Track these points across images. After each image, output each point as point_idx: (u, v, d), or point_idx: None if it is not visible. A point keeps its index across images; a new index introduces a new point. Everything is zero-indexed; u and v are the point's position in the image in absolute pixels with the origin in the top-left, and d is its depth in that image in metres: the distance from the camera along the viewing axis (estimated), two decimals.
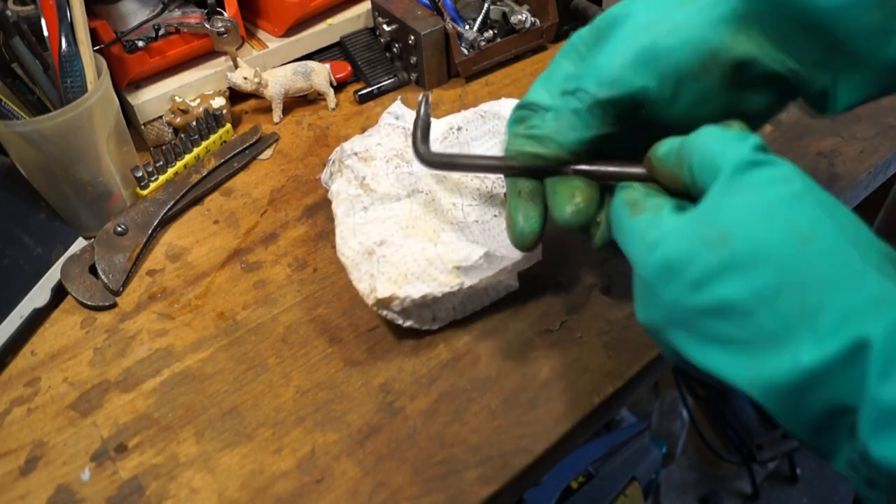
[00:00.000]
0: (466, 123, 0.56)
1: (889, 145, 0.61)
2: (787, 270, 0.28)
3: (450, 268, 0.45)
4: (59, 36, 0.54)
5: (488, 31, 0.73)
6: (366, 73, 0.73)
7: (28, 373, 0.49)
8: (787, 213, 0.29)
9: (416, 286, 0.45)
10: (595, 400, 0.45)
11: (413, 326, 0.47)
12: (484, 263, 0.46)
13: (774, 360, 0.28)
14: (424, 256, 0.46)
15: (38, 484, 0.43)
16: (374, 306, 0.46)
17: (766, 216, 0.30)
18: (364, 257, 0.47)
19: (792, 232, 0.29)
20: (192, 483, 0.42)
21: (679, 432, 1.36)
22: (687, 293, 0.31)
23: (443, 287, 0.45)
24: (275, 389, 0.47)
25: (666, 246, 0.32)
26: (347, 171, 0.53)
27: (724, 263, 0.30)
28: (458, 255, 0.46)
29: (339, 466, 0.42)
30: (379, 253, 0.47)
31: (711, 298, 0.30)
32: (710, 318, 0.30)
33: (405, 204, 0.50)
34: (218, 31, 0.66)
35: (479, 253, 0.45)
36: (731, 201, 0.31)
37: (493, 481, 0.41)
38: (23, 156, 0.54)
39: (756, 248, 0.29)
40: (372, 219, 0.50)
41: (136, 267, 0.56)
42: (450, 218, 0.49)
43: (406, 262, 0.46)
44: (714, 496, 1.35)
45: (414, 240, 0.47)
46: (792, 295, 0.28)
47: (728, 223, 0.30)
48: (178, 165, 0.63)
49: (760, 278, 0.29)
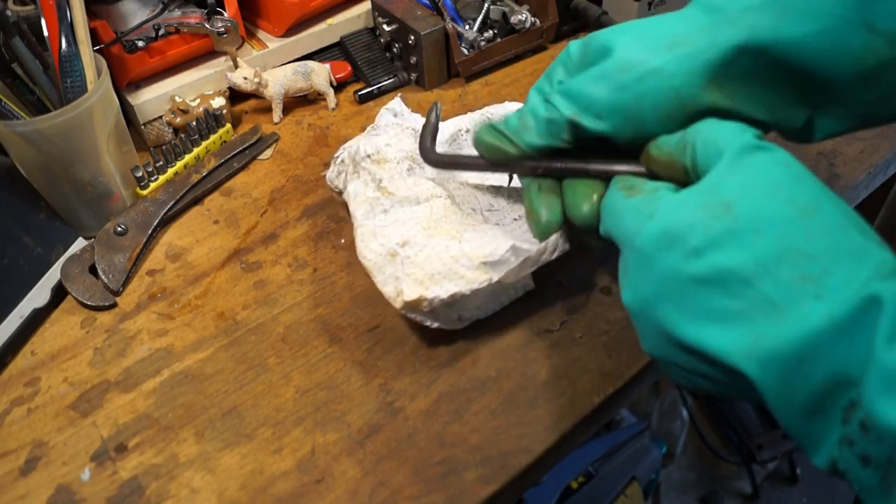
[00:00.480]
0: (474, 125, 0.56)
1: (889, 145, 0.61)
2: (790, 239, 0.29)
3: (476, 264, 0.44)
4: (59, 36, 0.54)
5: (488, 31, 0.73)
6: (366, 73, 0.73)
7: (28, 373, 0.49)
8: (789, 189, 0.30)
9: (444, 286, 0.44)
10: (595, 400, 0.45)
11: (441, 328, 0.47)
12: (511, 257, 0.44)
13: (775, 328, 0.28)
14: (449, 254, 0.45)
15: (38, 484, 0.43)
16: (403, 309, 0.45)
17: (769, 190, 0.30)
18: (387, 259, 0.46)
19: (795, 205, 0.30)
20: (192, 483, 0.42)
21: (679, 432, 1.36)
22: (685, 261, 0.31)
23: (471, 284, 0.44)
24: (275, 389, 0.47)
25: (666, 214, 0.32)
26: (364, 172, 0.52)
27: (727, 230, 0.30)
28: (483, 250, 0.44)
29: (339, 466, 0.42)
30: (403, 254, 0.46)
31: (711, 266, 0.30)
32: (707, 289, 0.30)
33: (425, 207, 0.49)
34: (218, 31, 0.66)
35: (506, 246, 0.44)
36: (735, 177, 0.31)
37: (493, 481, 0.41)
38: (23, 156, 0.54)
39: (759, 218, 0.30)
40: (392, 221, 0.49)
41: (136, 267, 0.56)
42: (471, 220, 0.49)
43: (431, 261, 0.45)
44: (714, 496, 1.35)
45: (437, 239, 0.46)
46: (795, 263, 0.28)
47: (732, 195, 0.31)
48: (178, 165, 0.63)
49: (763, 246, 0.29)
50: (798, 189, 0.30)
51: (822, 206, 0.30)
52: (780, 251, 0.29)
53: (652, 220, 0.33)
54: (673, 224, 0.32)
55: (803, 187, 0.30)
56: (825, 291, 0.27)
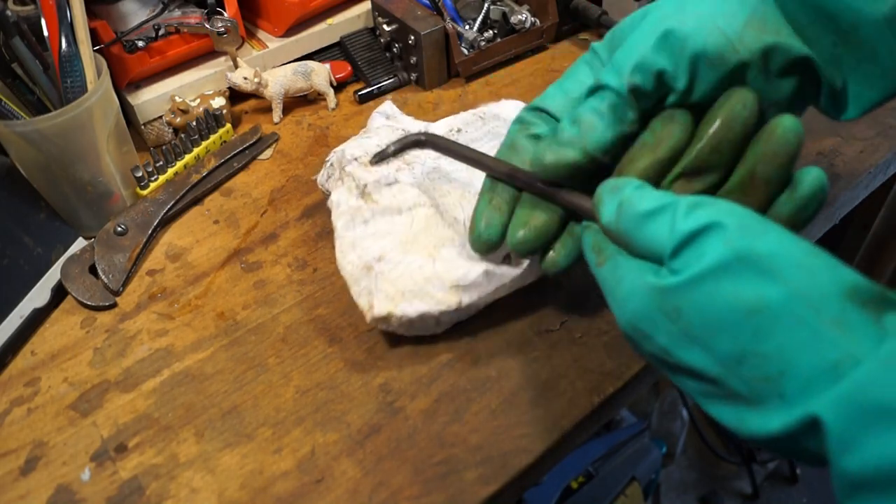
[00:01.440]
0: (466, 125, 0.56)
1: (889, 145, 0.61)
2: (742, 342, 0.28)
3: (448, 286, 0.45)
4: (59, 36, 0.54)
5: (488, 31, 0.73)
6: (366, 73, 0.73)
7: (28, 373, 0.49)
8: (729, 288, 0.28)
9: (414, 304, 0.45)
10: (595, 400, 0.45)
11: (417, 335, 0.47)
12: (483, 281, 0.45)
13: (752, 419, 0.29)
14: (422, 275, 0.45)
15: (38, 484, 0.43)
16: (372, 323, 0.46)
17: (709, 294, 0.29)
18: (363, 272, 0.47)
19: (738, 306, 0.28)
20: (192, 483, 0.42)
21: (679, 432, 1.36)
22: (661, 353, 0.31)
23: (440, 305, 0.45)
24: (275, 389, 0.47)
25: (631, 309, 0.32)
26: (348, 178, 0.52)
27: (684, 334, 0.30)
28: (456, 272, 0.45)
29: (339, 466, 0.42)
30: (377, 269, 0.46)
31: (682, 363, 0.30)
32: (687, 378, 0.31)
33: (406, 217, 0.49)
34: (218, 31, 0.66)
35: (478, 270, 0.45)
36: (675, 281, 0.30)
37: (493, 481, 0.41)
38: (23, 156, 0.54)
39: (707, 324, 0.29)
40: (372, 232, 0.49)
41: (136, 267, 0.56)
42: (451, 233, 0.48)
43: (404, 279, 0.45)
44: (714, 496, 1.35)
45: (413, 255, 0.47)
46: (754, 364, 0.28)
47: (677, 300, 0.30)
48: (178, 165, 0.63)
49: (721, 349, 0.29)
50: (738, 283, 0.28)
51: (767, 295, 0.28)
52: (738, 353, 0.28)
53: (623, 312, 0.33)
54: (639, 322, 0.32)
55: (742, 277, 0.28)
56: (787, 395, 0.27)
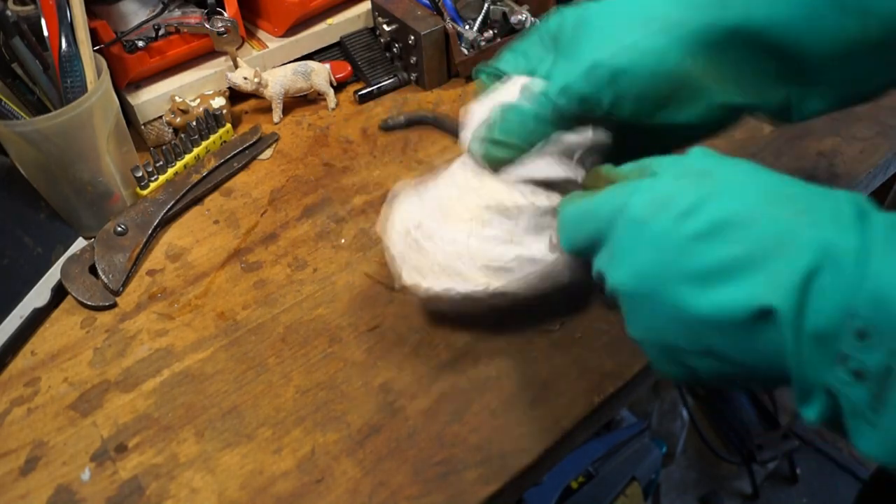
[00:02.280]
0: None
1: (889, 145, 0.61)
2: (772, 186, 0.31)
3: (478, 265, 0.43)
4: (59, 36, 0.54)
5: (488, 30, 0.73)
6: (366, 73, 0.73)
7: (28, 373, 0.49)
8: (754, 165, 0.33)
9: (441, 280, 0.43)
10: (595, 400, 0.45)
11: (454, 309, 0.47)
12: (514, 265, 0.43)
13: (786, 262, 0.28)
14: (454, 249, 0.43)
15: (38, 484, 0.43)
16: (401, 290, 0.46)
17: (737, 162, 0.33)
18: (402, 237, 0.46)
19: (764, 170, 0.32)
20: (192, 483, 0.42)
21: (679, 432, 1.36)
22: (680, 222, 0.31)
23: (467, 284, 0.43)
24: (275, 389, 0.47)
25: (648, 187, 0.33)
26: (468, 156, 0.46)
27: (713, 190, 0.31)
28: (488, 253, 0.43)
29: (339, 466, 0.42)
30: (413, 236, 0.45)
31: (707, 220, 0.30)
32: (708, 244, 0.30)
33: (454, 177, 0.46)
34: (218, 31, 0.66)
35: (512, 254, 0.42)
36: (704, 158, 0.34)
37: (493, 481, 0.41)
38: (23, 156, 0.54)
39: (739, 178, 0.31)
40: (420, 199, 0.47)
41: (136, 267, 0.56)
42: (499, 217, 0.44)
43: (435, 252, 0.44)
44: (714, 496, 1.34)
45: (448, 226, 0.44)
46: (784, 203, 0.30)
47: (707, 166, 0.33)
48: (178, 165, 0.63)
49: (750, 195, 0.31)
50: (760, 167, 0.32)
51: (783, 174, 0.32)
52: (766, 196, 0.30)
53: (634, 195, 0.33)
54: (658, 192, 0.32)
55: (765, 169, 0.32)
56: (819, 220, 0.28)
